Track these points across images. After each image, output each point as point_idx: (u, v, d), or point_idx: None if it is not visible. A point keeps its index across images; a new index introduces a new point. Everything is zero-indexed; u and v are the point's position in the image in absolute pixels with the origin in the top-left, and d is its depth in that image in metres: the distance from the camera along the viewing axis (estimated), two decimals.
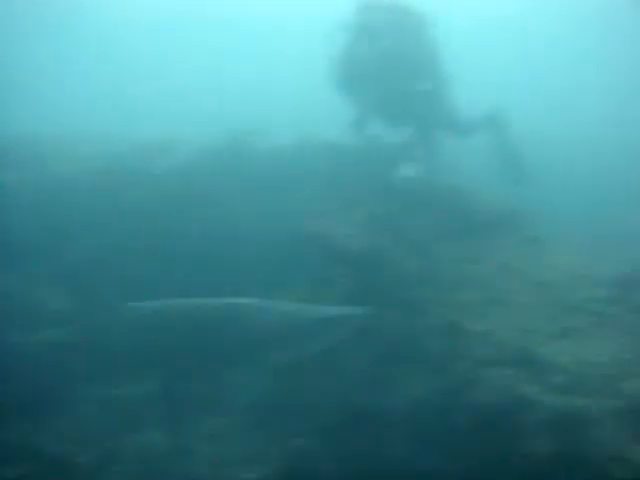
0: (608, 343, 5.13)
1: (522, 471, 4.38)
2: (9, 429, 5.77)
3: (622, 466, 4.04)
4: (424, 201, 7.32)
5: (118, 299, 5.83)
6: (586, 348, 5.07)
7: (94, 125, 9.93)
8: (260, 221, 7.62)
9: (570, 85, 18.26)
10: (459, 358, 5.25)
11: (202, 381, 5.76)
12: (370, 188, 7.58)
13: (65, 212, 7.78)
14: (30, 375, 6.02)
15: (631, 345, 5.06)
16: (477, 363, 5.11)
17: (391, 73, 8.15)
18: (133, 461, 5.69)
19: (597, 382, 4.67)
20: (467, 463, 4.71)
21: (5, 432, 5.73)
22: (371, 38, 8.18)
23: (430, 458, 4.89)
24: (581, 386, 4.66)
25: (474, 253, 6.55)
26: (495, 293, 5.90)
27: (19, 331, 6.27)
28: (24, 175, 8.03)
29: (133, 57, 21.42)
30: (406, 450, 5.01)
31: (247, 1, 22.54)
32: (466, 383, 5.01)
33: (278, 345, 5.57)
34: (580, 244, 7.10)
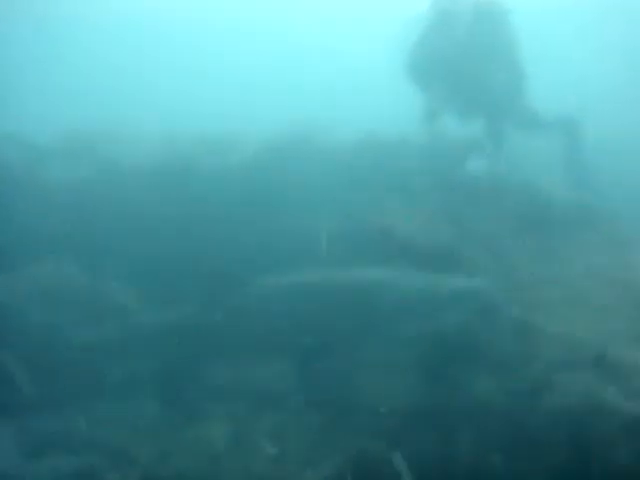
0: None
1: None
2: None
3: None
4: (495, 197, 7.09)
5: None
6: None
7: (145, 122, 9.98)
8: (325, 218, 7.58)
9: None
10: (534, 360, 5.02)
11: (336, 358, 5.64)
12: (438, 183, 7.41)
13: (140, 209, 7.82)
14: (165, 356, 6.11)
15: None
16: (553, 365, 4.88)
17: (466, 63, 7.99)
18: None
19: None
20: (541, 470, 4.52)
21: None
22: (446, 27, 8.04)
23: (501, 463, 4.71)
24: None
25: (551, 251, 6.29)
26: (574, 293, 5.64)
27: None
28: (91, 173, 8.14)
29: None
30: (477, 454, 4.83)
31: None
32: (541, 386, 4.79)
33: (411, 319, 5.51)
34: None
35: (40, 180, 7.98)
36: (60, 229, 7.39)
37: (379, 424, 5.33)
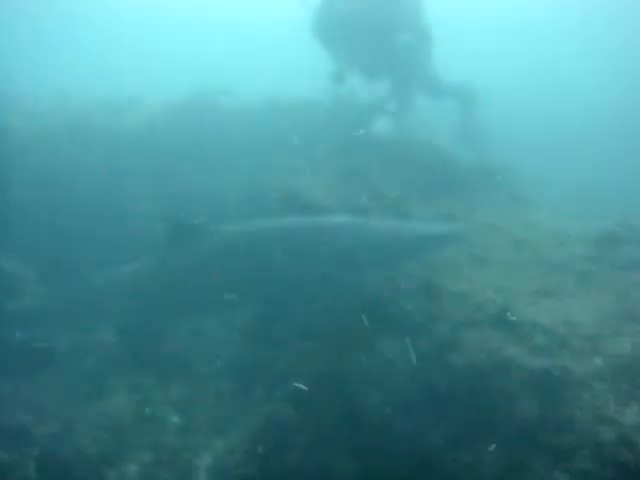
0: (592, 302, 4.96)
1: (505, 435, 4.22)
2: None
3: (607, 427, 3.89)
4: (401, 157, 7.06)
5: None
6: (569, 307, 4.88)
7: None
8: (229, 177, 7.40)
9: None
10: (438, 319, 5.02)
11: (299, 305, 5.48)
12: (344, 144, 7.30)
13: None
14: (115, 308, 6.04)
15: (615, 303, 4.90)
16: (457, 324, 4.89)
17: (370, 25, 7.90)
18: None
19: (581, 342, 4.49)
20: (447, 427, 4.55)
21: None
22: None
23: (408, 422, 4.71)
24: (565, 346, 4.48)
25: (454, 210, 6.32)
26: (476, 251, 5.67)
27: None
28: None
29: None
30: (384, 414, 4.81)
31: None
32: (445, 345, 4.79)
33: (376, 263, 5.44)
34: (563, 203, 6.92)
35: None
36: None
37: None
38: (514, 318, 4.68)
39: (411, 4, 8.35)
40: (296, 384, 4.69)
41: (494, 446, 4.19)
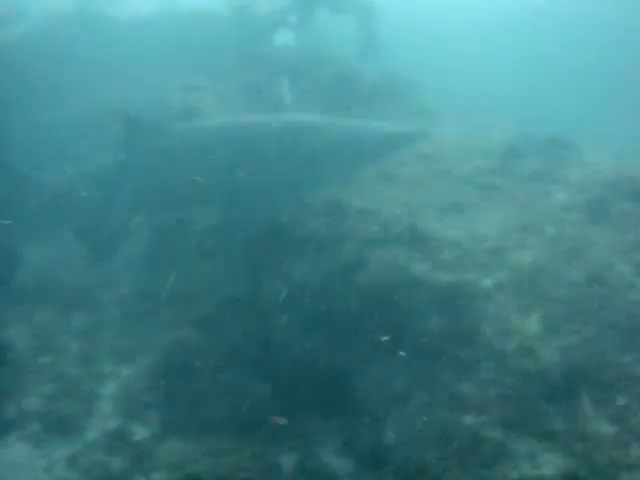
0: (496, 215, 4.98)
1: (413, 349, 4.25)
2: None
3: (509, 337, 3.99)
4: (304, 71, 6.77)
5: None
6: (474, 221, 4.90)
7: None
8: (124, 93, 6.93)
9: None
10: (344, 238, 4.92)
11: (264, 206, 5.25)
12: (244, 57, 6.93)
13: None
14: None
15: (518, 216, 4.94)
16: (364, 242, 4.81)
17: None
18: None
19: (485, 256, 4.52)
20: (356, 345, 4.54)
21: None
22: None
23: (317, 341, 4.68)
24: (470, 261, 4.51)
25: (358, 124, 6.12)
26: (379, 167, 5.54)
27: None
28: None
29: None
30: (290, 336, 4.75)
31: None
32: (352, 265, 4.72)
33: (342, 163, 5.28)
34: (467, 115, 6.85)
35: None
36: None
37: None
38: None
39: None
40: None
41: (403, 354, 4.22)
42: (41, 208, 5.98)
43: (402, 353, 4.21)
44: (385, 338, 4.24)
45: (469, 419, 3.75)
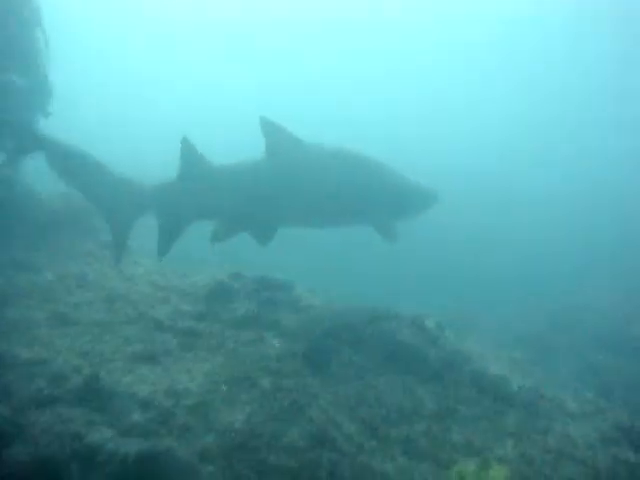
0: (200, 364, 4.11)
1: None
2: None
3: None
4: None
5: None
6: (175, 373, 3.96)
7: None
8: None
9: None
10: (9, 396, 3.53)
11: None
12: None
13: None
14: None
15: (225, 365, 4.14)
16: (27, 402, 3.50)
17: None
18: None
19: (187, 415, 3.58)
20: None
21: None
22: None
23: None
24: (168, 423, 3.50)
25: (33, 259, 4.96)
26: (60, 309, 4.41)
27: None
28: None
29: None
30: None
31: None
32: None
33: None
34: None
35: None
36: None
37: None
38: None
39: None
40: None
41: None
42: None
43: None
44: None
45: None
